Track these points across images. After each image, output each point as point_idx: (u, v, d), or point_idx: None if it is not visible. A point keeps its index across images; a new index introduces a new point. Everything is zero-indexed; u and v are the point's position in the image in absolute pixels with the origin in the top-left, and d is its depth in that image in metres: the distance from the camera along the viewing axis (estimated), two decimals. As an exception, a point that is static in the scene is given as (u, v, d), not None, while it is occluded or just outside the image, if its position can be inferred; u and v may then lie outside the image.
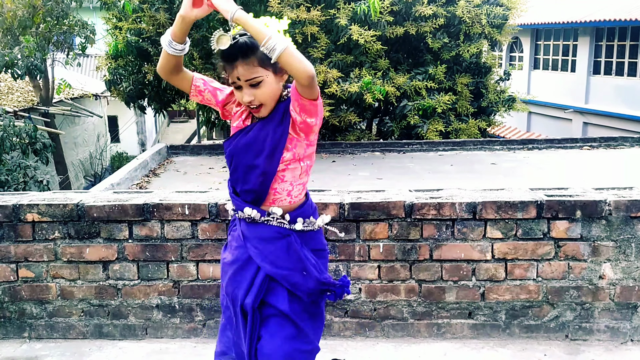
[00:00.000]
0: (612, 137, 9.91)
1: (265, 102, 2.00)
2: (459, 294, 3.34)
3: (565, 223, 3.23)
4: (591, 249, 3.25)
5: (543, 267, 3.29)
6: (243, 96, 1.98)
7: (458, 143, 9.54)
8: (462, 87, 10.36)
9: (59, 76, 15.74)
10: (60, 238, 3.37)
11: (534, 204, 3.22)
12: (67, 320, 3.47)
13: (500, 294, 3.33)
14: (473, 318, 3.37)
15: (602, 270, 3.28)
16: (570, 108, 18.27)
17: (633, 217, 3.21)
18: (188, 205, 3.31)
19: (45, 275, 3.42)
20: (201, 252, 3.35)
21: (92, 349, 3.37)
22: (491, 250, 3.28)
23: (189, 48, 2.08)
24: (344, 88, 8.79)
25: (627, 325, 3.34)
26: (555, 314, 3.35)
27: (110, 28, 10.75)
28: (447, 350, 3.26)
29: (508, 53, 21.98)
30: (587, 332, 3.35)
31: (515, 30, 12.56)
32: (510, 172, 7.85)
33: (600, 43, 17.63)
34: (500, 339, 3.37)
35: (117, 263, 3.39)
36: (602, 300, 3.31)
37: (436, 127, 9.86)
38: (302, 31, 9.05)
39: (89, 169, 18.94)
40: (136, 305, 3.44)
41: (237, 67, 1.95)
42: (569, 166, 8.33)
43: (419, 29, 9.80)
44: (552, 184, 5.43)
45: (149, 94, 10.80)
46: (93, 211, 3.33)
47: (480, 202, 3.23)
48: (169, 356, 3.27)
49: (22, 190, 7.69)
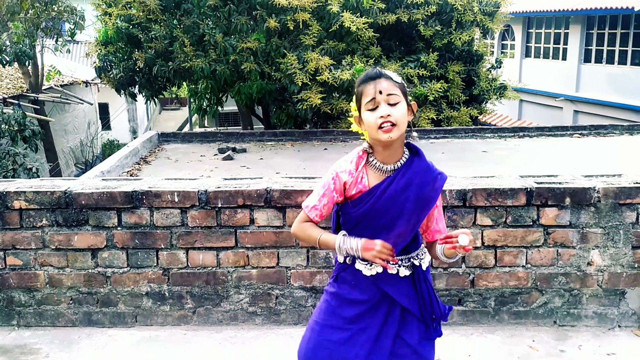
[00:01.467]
0: (602, 125, 9.95)
1: (399, 122, 1.98)
2: (449, 281, 3.35)
3: (555, 210, 3.24)
4: (580, 236, 3.26)
5: (532, 254, 3.30)
6: (380, 112, 1.96)
7: (450, 131, 9.54)
8: (454, 75, 10.35)
9: (48, 63, 15.59)
10: (48, 225, 3.33)
11: (523, 191, 3.22)
12: (55, 308, 3.45)
13: (490, 280, 3.34)
14: (463, 304, 3.38)
15: (591, 257, 3.29)
16: (561, 96, 18.31)
17: (621, 204, 3.22)
18: (177, 192, 3.28)
19: (34, 263, 3.39)
20: (191, 239, 3.33)
21: (81, 337, 3.35)
22: (481, 237, 3.28)
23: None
24: (336, 75, 8.75)
25: (614, 312, 3.36)
26: (544, 301, 3.36)
27: (100, 14, 10.64)
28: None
29: (500, 41, 21.95)
30: (575, 318, 3.37)
31: (507, 18, 12.54)
32: (501, 160, 7.86)
33: (592, 31, 17.64)
34: (490, 325, 3.38)
35: (106, 251, 3.37)
36: (590, 287, 3.33)
37: (428, 115, 9.85)
38: (294, 18, 8.99)
39: (79, 156, 18.82)
40: (126, 292, 3.42)
41: (380, 82, 1.97)
42: (559, 154, 8.35)
43: (411, 17, 9.76)
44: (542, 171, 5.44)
45: (140, 81, 10.72)
46: (81, 198, 3.29)
47: (470, 189, 3.23)
48: (159, 343, 3.26)
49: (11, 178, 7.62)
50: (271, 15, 9.11)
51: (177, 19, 9.71)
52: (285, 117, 10.14)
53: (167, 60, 9.79)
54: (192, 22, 9.43)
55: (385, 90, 1.96)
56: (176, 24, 9.66)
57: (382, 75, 1.99)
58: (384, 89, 1.96)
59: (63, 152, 17.16)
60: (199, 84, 10.29)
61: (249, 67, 9.08)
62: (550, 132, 9.78)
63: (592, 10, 16.22)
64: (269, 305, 3.41)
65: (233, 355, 3.13)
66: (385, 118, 1.95)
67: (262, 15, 9.14)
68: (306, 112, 9.34)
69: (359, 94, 2.02)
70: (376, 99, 1.96)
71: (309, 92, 8.99)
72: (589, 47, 17.82)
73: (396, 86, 1.99)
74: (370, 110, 1.97)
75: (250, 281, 3.38)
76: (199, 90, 10.67)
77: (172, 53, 9.61)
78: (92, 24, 12.08)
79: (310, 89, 9.00)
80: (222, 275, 3.37)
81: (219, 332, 3.36)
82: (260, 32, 9.16)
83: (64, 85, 16.67)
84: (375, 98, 1.97)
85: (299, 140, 9.40)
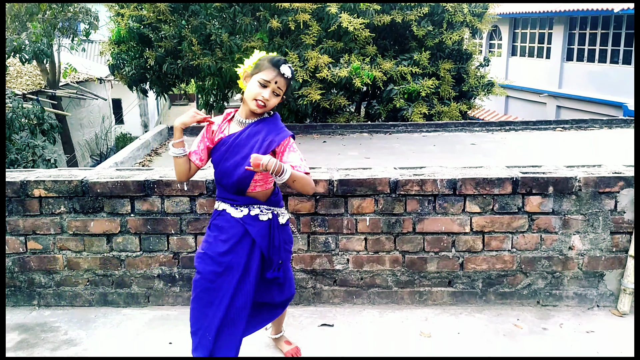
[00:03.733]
0: (583, 120, 9.92)
1: (268, 106, 2.38)
2: (440, 264, 3.35)
3: (539, 198, 3.24)
4: (562, 222, 3.27)
5: (517, 239, 3.30)
6: (264, 92, 2.33)
7: (440, 125, 9.52)
8: (445, 72, 10.30)
9: (65, 61, 15.51)
10: (66, 212, 3.33)
11: (509, 180, 3.22)
12: (73, 289, 3.46)
13: (478, 264, 3.34)
14: (452, 286, 3.39)
15: (572, 241, 3.29)
16: (545, 92, 18.26)
17: (601, 193, 3.22)
18: (187, 182, 3.27)
19: (53, 247, 3.39)
20: (199, 225, 3.33)
21: (97, 316, 3.36)
22: (470, 223, 3.28)
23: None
24: (334, 73, 8.72)
25: (593, 292, 3.37)
26: (528, 282, 3.37)
27: (113, 15, 10.57)
28: (428, 316, 3.28)
29: (488, 40, 21.86)
30: (557, 299, 3.38)
31: (494, 19, 12.46)
32: (489, 152, 7.85)
33: (574, 31, 17.56)
34: (477, 305, 3.40)
35: (120, 236, 3.37)
36: (571, 270, 3.34)
37: (420, 110, 9.81)
38: (295, 19, 8.95)
39: (94, 148, 18.78)
40: (139, 275, 3.43)
41: (280, 78, 2.34)
42: (543, 146, 8.34)
43: (404, 17, 9.70)
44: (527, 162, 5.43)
45: (151, 78, 10.67)
46: (97, 187, 3.29)
47: (459, 179, 3.22)
48: (170, 322, 3.27)
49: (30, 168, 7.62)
50: (273, 16, 9.07)
51: (186, 20, 9.65)
52: (287, 112, 10.09)
53: (176, 59, 9.74)
54: (199, 22, 9.38)
55: (279, 84, 2.35)
56: (184, 25, 9.61)
57: (284, 74, 2.34)
58: (279, 83, 2.35)
59: (79, 145, 17.12)
60: (206, 80, 10.23)
61: (253, 64, 9.02)
62: (534, 126, 9.76)
63: (575, 11, 16.15)
64: (272, 286, 3.42)
65: (239, 332, 3.14)
66: (263, 99, 2.34)
67: (265, 16, 9.09)
68: (306, 107, 9.31)
69: (261, 67, 2.35)
70: (270, 84, 2.33)
71: (309, 88, 8.96)
72: (571, 46, 17.75)
73: (286, 85, 2.38)
74: (260, 85, 2.33)
75: (254, 264, 3.38)
76: (206, 86, 10.61)
77: (180, 52, 9.57)
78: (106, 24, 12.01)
79: (310, 85, 8.98)
80: (229, 258, 3.37)
81: (225, 312, 3.37)
82: (263, 32, 9.11)
83: (79, 81, 16.60)
84: (270, 83, 2.33)
85: (300, 133, 9.37)
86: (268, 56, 2.39)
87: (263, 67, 2.34)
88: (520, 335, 3.08)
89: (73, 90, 15.57)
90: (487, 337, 3.06)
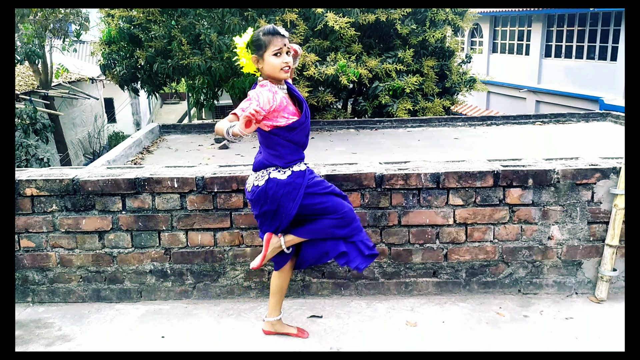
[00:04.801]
0: (561, 114, 9.99)
1: (291, 66, 2.58)
2: (425, 255, 3.36)
3: (519, 190, 3.25)
4: (541, 213, 3.28)
5: (499, 230, 3.31)
6: (284, 59, 2.51)
7: (424, 120, 9.53)
8: (428, 69, 10.31)
9: (56, 61, 15.32)
10: (58, 210, 3.29)
11: (491, 173, 3.22)
12: (67, 285, 3.41)
13: (461, 254, 3.35)
14: (437, 276, 3.40)
15: (551, 231, 3.31)
16: (525, 88, 18.37)
17: (578, 184, 3.24)
18: (177, 179, 3.24)
19: (45, 245, 3.34)
20: (190, 221, 3.30)
21: (90, 311, 3.32)
22: (453, 215, 3.28)
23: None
24: (321, 71, 8.69)
25: (572, 280, 3.39)
26: (510, 272, 3.38)
27: (103, 16, 10.44)
28: (413, 306, 3.29)
29: (469, 38, 21.92)
30: (537, 287, 3.40)
31: (475, 18, 12.49)
32: (471, 146, 7.88)
33: (552, 29, 17.67)
34: (461, 294, 3.40)
35: (112, 233, 3.33)
36: (550, 259, 3.36)
37: (405, 106, 9.82)
38: (282, 18, 8.90)
39: (87, 147, 18.59)
40: (131, 271, 3.39)
41: (284, 39, 2.51)
42: (523, 140, 8.39)
43: (389, 16, 9.68)
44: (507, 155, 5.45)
45: (142, 77, 10.55)
46: (88, 185, 3.24)
47: (443, 173, 3.22)
48: (162, 316, 3.24)
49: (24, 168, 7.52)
50: (261, 15, 9.01)
51: (175, 20, 9.55)
52: (275, 109, 10.05)
53: (166, 58, 9.64)
54: (188, 22, 9.29)
55: (286, 45, 2.53)
56: (174, 25, 9.51)
57: (284, 35, 2.52)
58: (287, 44, 2.53)
59: (72, 144, 16.93)
60: (196, 79, 10.16)
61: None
62: (515, 120, 9.81)
63: (552, 9, 16.24)
64: (262, 280, 3.40)
65: (230, 325, 3.12)
66: (287, 64, 2.53)
67: (253, 15, 9.03)
68: (294, 104, 9.27)
69: (266, 42, 2.49)
70: (282, 49, 2.50)
71: (297, 86, 8.92)
72: (549, 43, 17.86)
73: (289, 42, 2.57)
74: (275, 56, 2.50)
75: (244, 258, 3.36)
76: (196, 85, 10.54)
77: (170, 51, 9.47)
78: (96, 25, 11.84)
79: (298, 83, 8.94)
80: (219, 253, 3.35)
81: (217, 305, 3.35)
82: (251, 31, 9.05)
83: (71, 81, 16.41)
84: (281, 49, 2.51)
85: (289, 130, 9.34)
86: (261, 30, 2.53)
87: (266, 41, 2.49)
88: (503, 322, 3.09)
89: (65, 90, 15.38)
90: (471, 325, 3.07)
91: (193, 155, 7.62)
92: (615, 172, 3.21)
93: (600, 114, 9.89)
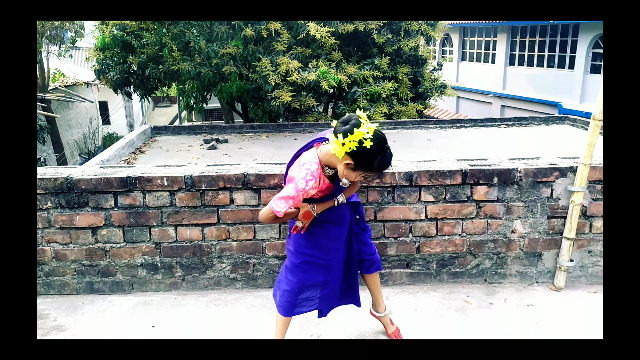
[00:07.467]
0: (524, 117, 10.11)
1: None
2: (399, 248, 3.36)
3: (485, 188, 3.27)
4: (505, 209, 3.31)
5: (467, 224, 3.33)
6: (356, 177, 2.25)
7: (399, 123, 9.56)
8: (403, 75, 10.35)
9: (53, 66, 15.04)
10: (52, 208, 3.22)
11: (459, 172, 3.24)
12: (61, 278, 3.34)
13: (432, 247, 3.36)
14: (410, 268, 3.41)
15: (514, 225, 3.34)
16: (491, 93, 18.57)
17: (539, 182, 3.27)
18: (166, 177, 3.19)
19: (41, 240, 3.27)
20: (179, 217, 3.26)
21: (84, 303, 3.26)
22: (425, 211, 3.30)
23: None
24: (304, 77, 8.66)
25: (533, 270, 3.43)
26: (476, 263, 3.41)
27: (98, 24, 10.26)
28: (388, 295, 3.29)
29: (440, 47, 22.07)
30: (502, 277, 3.44)
31: (446, 28, 12.57)
32: (442, 147, 7.93)
33: (515, 39, 17.89)
34: (432, 284, 3.42)
35: (104, 228, 3.27)
36: (513, 250, 3.39)
37: (381, 110, 9.83)
38: (267, 27, 8.86)
39: (83, 147, 18.28)
40: (123, 264, 3.33)
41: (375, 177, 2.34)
42: (489, 141, 8.46)
43: (366, 26, 9.69)
44: (475, 155, 5.50)
45: (134, 82, 10.41)
46: (81, 184, 3.18)
47: (415, 172, 3.23)
48: (153, 307, 3.20)
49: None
50: (247, 25, 8.94)
51: (166, 28, 9.43)
52: (261, 112, 9.98)
53: (157, 64, 9.52)
54: (178, 30, 9.18)
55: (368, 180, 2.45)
56: (165, 32, 9.39)
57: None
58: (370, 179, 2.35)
59: (68, 144, 16.63)
60: (187, 84, 10.03)
61: (229, 69, 8.91)
62: (482, 123, 9.90)
63: (516, 21, 16.44)
64: (247, 272, 3.38)
65: (217, 314, 3.09)
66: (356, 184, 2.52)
67: (240, 24, 8.96)
68: (279, 107, 9.22)
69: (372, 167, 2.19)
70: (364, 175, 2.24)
71: (281, 90, 8.88)
72: (513, 52, 18.09)
73: None
74: (361, 175, 2.24)
75: (231, 252, 3.33)
76: (187, 89, 10.41)
77: (162, 57, 9.35)
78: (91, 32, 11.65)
79: (282, 88, 8.90)
80: (207, 247, 3.32)
81: (205, 296, 3.31)
82: (238, 39, 8.98)
83: (67, 85, 16.11)
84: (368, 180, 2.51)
85: (273, 131, 9.30)
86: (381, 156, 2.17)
87: (373, 169, 2.19)
88: (470, 309, 3.11)
89: (61, 94, 15.07)
90: (441, 312, 3.09)
91: (183, 155, 7.53)
92: (572, 171, 3.26)
93: (559, 118, 10.04)
